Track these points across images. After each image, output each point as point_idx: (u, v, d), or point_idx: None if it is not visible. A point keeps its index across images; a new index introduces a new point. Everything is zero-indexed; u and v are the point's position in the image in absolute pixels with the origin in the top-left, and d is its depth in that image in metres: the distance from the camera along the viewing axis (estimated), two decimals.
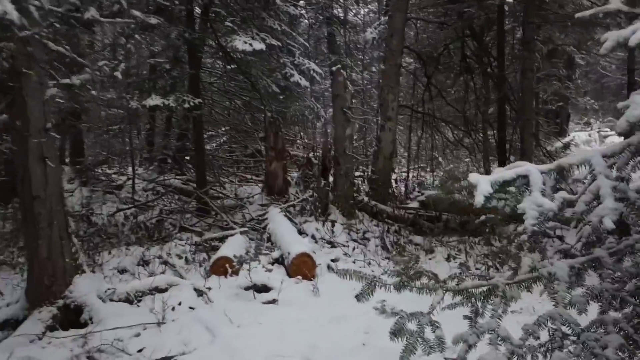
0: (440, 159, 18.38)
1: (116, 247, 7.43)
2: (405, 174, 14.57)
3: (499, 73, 10.24)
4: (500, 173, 1.95)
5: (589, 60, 21.39)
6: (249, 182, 13.89)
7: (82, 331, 4.79)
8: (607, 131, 32.45)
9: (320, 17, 17.73)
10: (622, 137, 2.18)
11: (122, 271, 6.73)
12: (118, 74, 3.30)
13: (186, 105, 8.18)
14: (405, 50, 10.01)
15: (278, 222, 7.88)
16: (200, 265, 7.01)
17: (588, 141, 24.73)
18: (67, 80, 2.99)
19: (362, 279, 2.18)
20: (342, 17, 18.53)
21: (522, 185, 1.91)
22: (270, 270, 6.41)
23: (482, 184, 1.86)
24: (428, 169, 16.36)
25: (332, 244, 7.75)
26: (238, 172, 14.62)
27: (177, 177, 11.79)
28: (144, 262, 7.03)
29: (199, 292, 5.76)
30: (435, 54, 10.52)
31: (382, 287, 2.21)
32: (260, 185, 11.88)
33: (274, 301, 5.75)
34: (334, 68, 8.89)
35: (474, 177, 1.95)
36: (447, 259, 7.36)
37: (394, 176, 11.10)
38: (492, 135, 10.66)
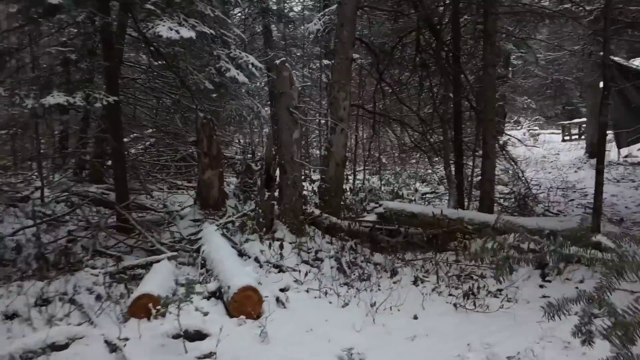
0: (384, 160, 17.64)
1: (6, 282, 5.87)
2: (351, 179, 13.61)
3: (455, 68, 9.40)
4: None
5: (527, 58, 21.37)
6: (180, 188, 12.45)
7: None
8: (536, 129, 33.48)
9: (255, 9, 16.52)
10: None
11: (12, 316, 5.21)
12: None
13: (98, 104, 6.72)
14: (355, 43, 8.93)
15: (215, 244, 6.58)
16: (117, 303, 5.59)
17: (523, 140, 25.11)
18: None
19: None
20: (278, 10, 17.48)
21: None
22: (205, 314, 5.12)
23: None
24: (374, 172, 15.52)
25: (280, 269, 6.53)
26: (167, 179, 13.12)
27: (89, 190, 10.10)
28: (43, 302, 5.54)
29: (112, 347, 4.41)
30: (389, 47, 9.50)
31: None
32: (191, 193, 10.51)
33: (210, 355, 4.49)
34: (277, 61, 7.66)
35: None
36: (415, 283, 6.34)
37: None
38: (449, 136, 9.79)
